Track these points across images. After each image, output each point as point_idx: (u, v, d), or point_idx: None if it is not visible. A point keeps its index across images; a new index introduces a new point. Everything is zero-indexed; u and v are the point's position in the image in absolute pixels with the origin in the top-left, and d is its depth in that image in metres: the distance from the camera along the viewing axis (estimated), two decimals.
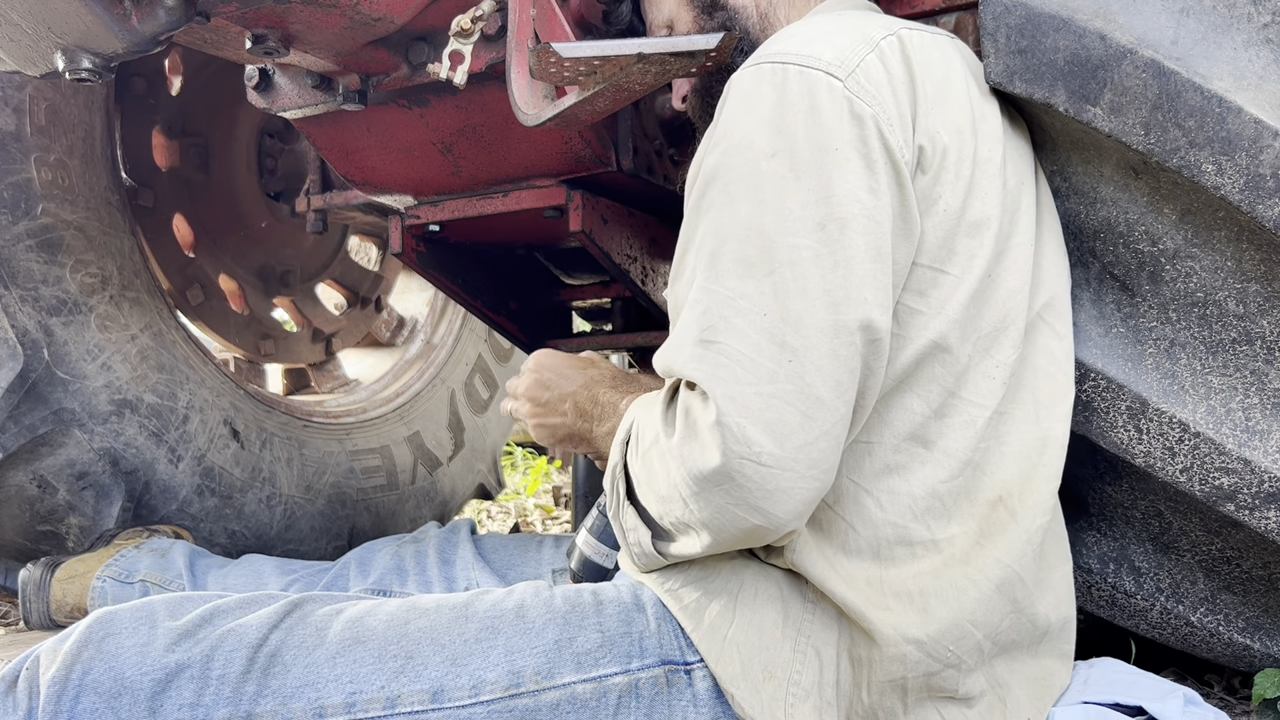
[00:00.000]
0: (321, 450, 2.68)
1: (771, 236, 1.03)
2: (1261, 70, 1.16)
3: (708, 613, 1.11)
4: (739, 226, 1.05)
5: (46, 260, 2.10)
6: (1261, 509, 1.20)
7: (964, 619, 1.09)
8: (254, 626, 1.08)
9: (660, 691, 1.11)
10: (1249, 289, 1.18)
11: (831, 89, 1.06)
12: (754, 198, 1.05)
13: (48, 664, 1.05)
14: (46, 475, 2.07)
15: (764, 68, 1.10)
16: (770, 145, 1.06)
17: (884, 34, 1.14)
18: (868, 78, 1.08)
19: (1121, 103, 1.18)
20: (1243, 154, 1.13)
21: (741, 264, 1.04)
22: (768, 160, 1.06)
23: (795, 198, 1.04)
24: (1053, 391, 1.17)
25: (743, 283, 1.03)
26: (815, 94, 1.06)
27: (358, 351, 3.28)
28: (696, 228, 1.11)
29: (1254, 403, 1.20)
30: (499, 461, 3.44)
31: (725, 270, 1.05)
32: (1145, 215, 1.22)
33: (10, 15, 1.40)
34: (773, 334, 1.01)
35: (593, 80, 1.28)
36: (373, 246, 3.36)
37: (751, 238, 1.04)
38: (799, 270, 1.02)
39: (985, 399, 1.12)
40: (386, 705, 1.06)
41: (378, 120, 1.85)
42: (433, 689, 1.07)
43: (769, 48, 1.13)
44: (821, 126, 1.05)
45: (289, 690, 1.05)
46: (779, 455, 0.99)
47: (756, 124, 1.07)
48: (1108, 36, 1.18)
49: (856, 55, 1.09)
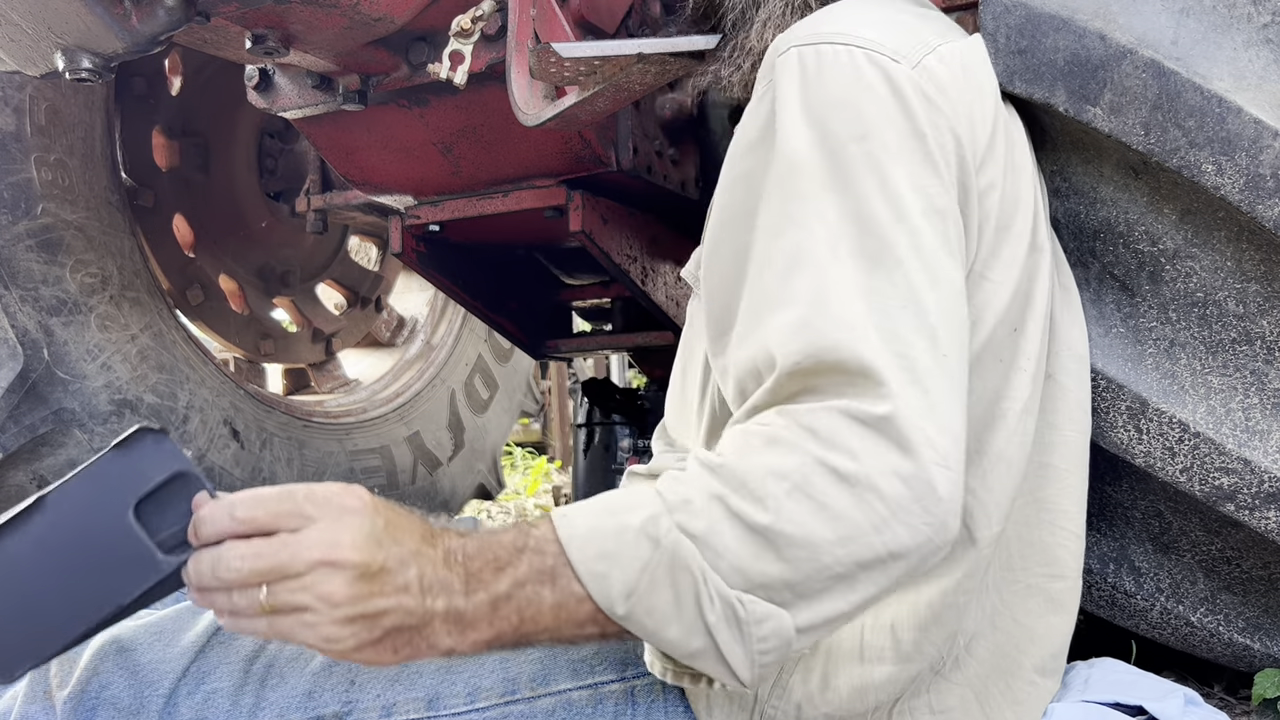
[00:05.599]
0: (321, 450, 2.68)
1: (886, 225, 0.89)
2: (1262, 70, 1.16)
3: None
4: (847, 221, 0.90)
5: (46, 260, 2.10)
6: (1261, 509, 1.20)
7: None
8: (249, 638, 1.08)
9: (656, 699, 1.10)
10: (1249, 289, 1.18)
11: (903, 73, 0.95)
12: (853, 187, 0.91)
13: (60, 683, 1.04)
14: (47, 475, 2.07)
15: (824, 47, 0.96)
16: (855, 129, 0.92)
17: (939, 40, 1.03)
18: (932, 74, 0.97)
19: (1121, 103, 1.18)
20: (1243, 154, 1.13)
21: (863, 257, 0.88)
22: (856, 144, 0.92)
23: (898, 182, 0.91)
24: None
25: (871, 277, 0.88)
26: (892, 77, 0.94)
27: (358, 351, 3.29)
28: (761, 223, 0.94)
29: (1254, 403, 1.20)
30: (499, 461, 3.44)
31: (844, 268, 0.88)
32: (1145, 215, 1.22)
33: (10, 15, 1.40)
34: (920, 328, 0.86)
35: (593, 80, 1.28)
36: (373, 246, 3.36)
37: (867, 228, 0.89)
38: (926, 258, 0.89)
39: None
40: (383, 713, 1.05)
41: (378, 120, 1.85)
42: (428, 696, 1.06)
43: (819, 27, 0.98)
44: (904, 108, 0.94)
45: (286, 701, 1.05)
46: (954, 461, 0.83)
47: (832, 107, 0.93)
48: (1108, 36, 1.18)
49: (918, 52, 0.98)
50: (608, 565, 0.81)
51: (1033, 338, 1.05)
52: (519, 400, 3.55)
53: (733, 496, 0.82)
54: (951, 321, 0.89)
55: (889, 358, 0.83)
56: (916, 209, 0.91)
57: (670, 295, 2.12)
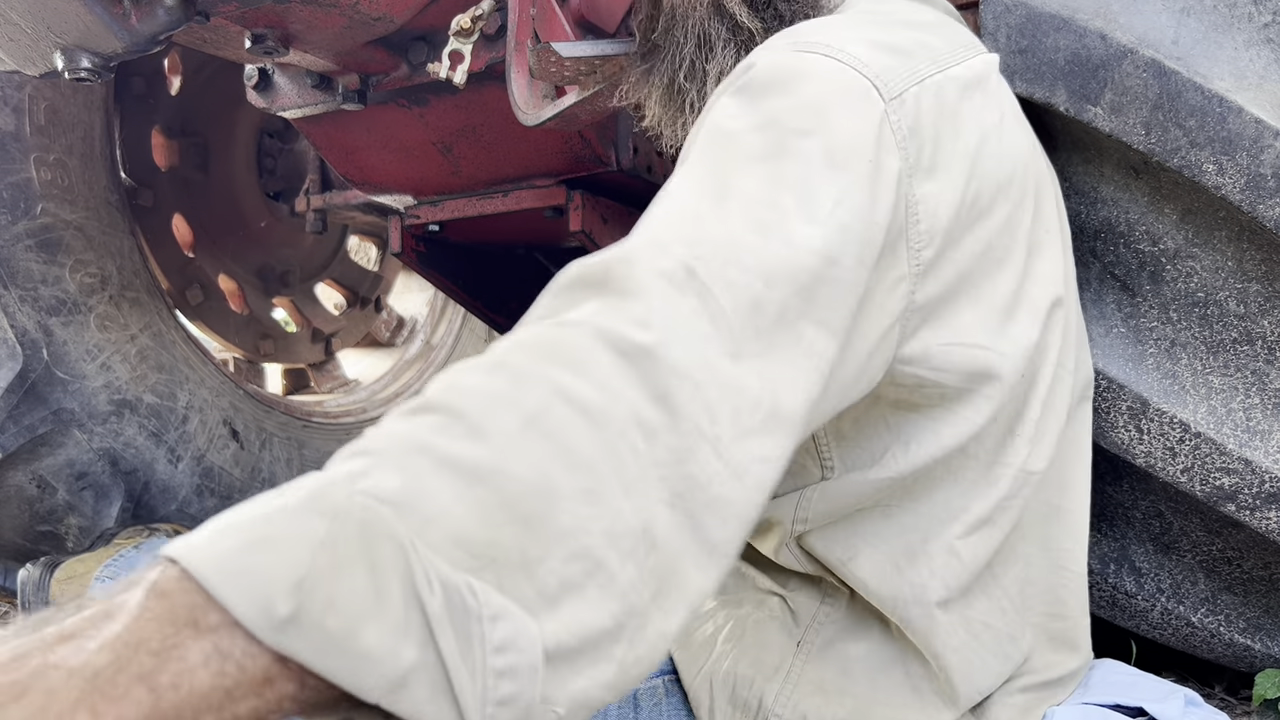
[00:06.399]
0: (321, 451, 2.68)
1: (787, 211, 0.76)
2: (1262, 70, 1.15)
3: (697, 634, 1.10)
4: (752, 192, 0.76)
5: (46, 260, 2.10)
6: (1262, 509, 1.19)
7: None
8: None
9: (659, 702, 1.10)
10: (1250, 289, 1.18)
11: (872, 101, 0.81)
12: (776, 171, 0.77)
13: None
14: (46, 475, 2.07)
15: (804, 54, 0.83)
16: (806, 125, 0.79)
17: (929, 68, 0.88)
18: (905, 111, 0.83)
19: (1122, 102, 1.18)
20: (1243, 154, 1.13)
21: (747, 221, 0.75)
22: (799, 139, 0.78)
23: (821, 189, 0.77)
24: None
25: (750, 237, 0.74)
26: (866, 96, 0.81)
27: (357, 351, 3.29)
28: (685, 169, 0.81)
29: (1255, 403, 1.19)
30: None
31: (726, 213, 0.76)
32: (1146, 215, 1.22)
33: (10, 15, 1.40)
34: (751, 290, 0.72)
35: (593, 80, 1.28)
36: (372, 246, 3.36)
37: (766, 206, 0.76)
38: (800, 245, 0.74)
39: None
40: None
41: (377, 120, 1.85)
42: None
43: (805, 36, 0.86)
44: (862, 132, 0.80)
45: None
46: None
47: (792, 101, 0.81)
48: (1108, 36, 1.18)
49: (902, 83, 0.84)
50: (258, 557, 0.52)
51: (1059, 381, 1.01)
52: None
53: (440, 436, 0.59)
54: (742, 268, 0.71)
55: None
56: (830, 221, 0.75)
57: None
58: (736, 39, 1.01)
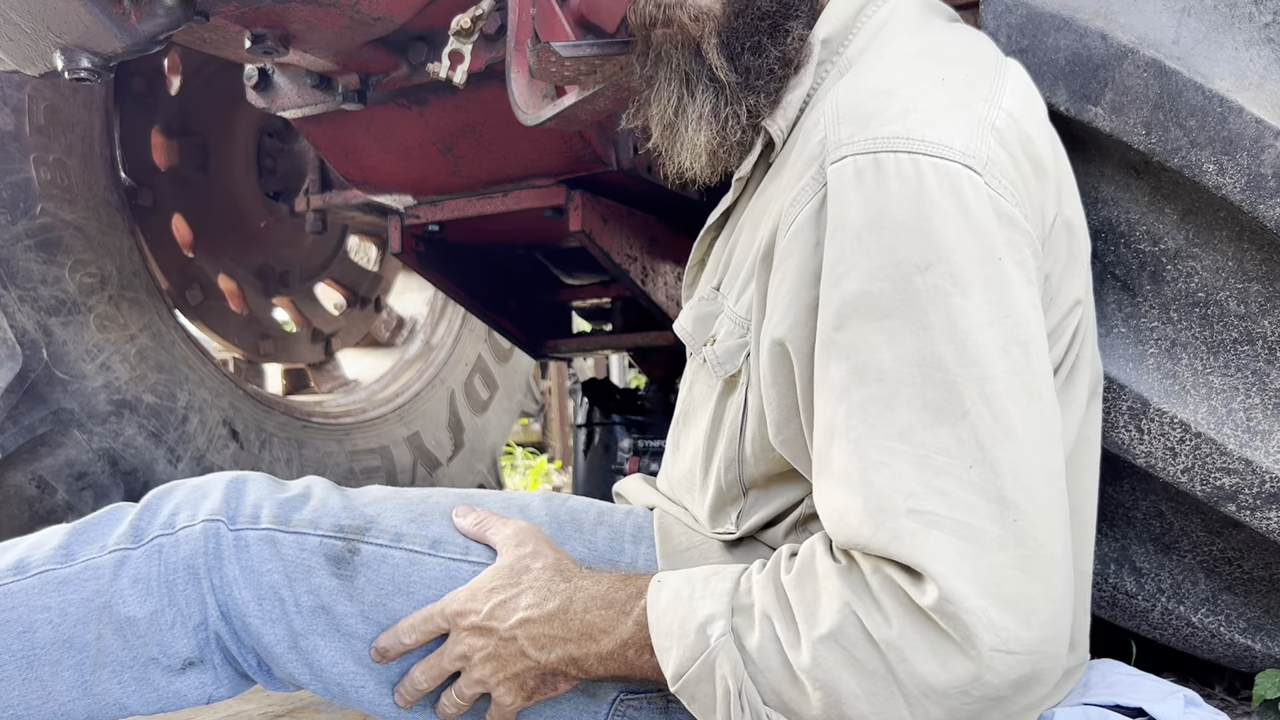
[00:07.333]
0: (321, 450, 2.68)
1: (952, 370, 0.84)
2: (1263, 70, 1.15)
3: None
4: (908, 365, 0.85)
5: (45, 260, 2.10)
6: (1263, 509, 1.19)
7: None
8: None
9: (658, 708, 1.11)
10: (1250, 289, 1.18)
11: (975, 186, 0.88)
12: (917, 325, 0.85)
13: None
14: (45, 475, 2.07)
15: (884, 157, 0.89)
16: (920, 256, 0.86)
17: (990, 109, 0.94)
18: (1001, 170, 0.91)
19: (1123, 102, 1.18)
20: (1244, 154, 1.13)
21: (925, 411, 0.85)
22: (921, 274, 0.86)
23: (967, 318, 0.85)
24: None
25: (933, 433, 0.84)
26: (961, 192, 0.87)
27: (357, 351, 3.29)
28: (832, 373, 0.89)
29: (1255, 403, 1.19)
30: (499, 461, 3.44)
31: (905, 422, 0.85)
32: (1146, 215, 1.22)
33: (10, 15, 1.40)
34: (987, 490, 0.83)
35: (593, 79, 1.28)
36: (372, 246, 3.36)
37: (929, 375, 0.85)
38: (997, 407, 0.84)
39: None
40: (393, 539, 1.08)
41: (377, 120, 1.85)
42: (433, 538, 1.10)
43: (877, 129, 0.90)
44: (977, 231, 0.87)
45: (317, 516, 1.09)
46: (1027, 639, 0.81)
47: (895, 231, 0.87)
48: (1109, 36, 1.18)
49: (984, 143, 0.91)
50: (670, 644, 0.93)
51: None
52: (519, 400, 3.56)
53: (780, 622, 0.89)
54: (1026, 473, 0.84)
55: (940, 538, 0.83)
56: (992, 348, 0.85)
57: (670, 295, 2.12)
58: (714, 86, 1.06)
